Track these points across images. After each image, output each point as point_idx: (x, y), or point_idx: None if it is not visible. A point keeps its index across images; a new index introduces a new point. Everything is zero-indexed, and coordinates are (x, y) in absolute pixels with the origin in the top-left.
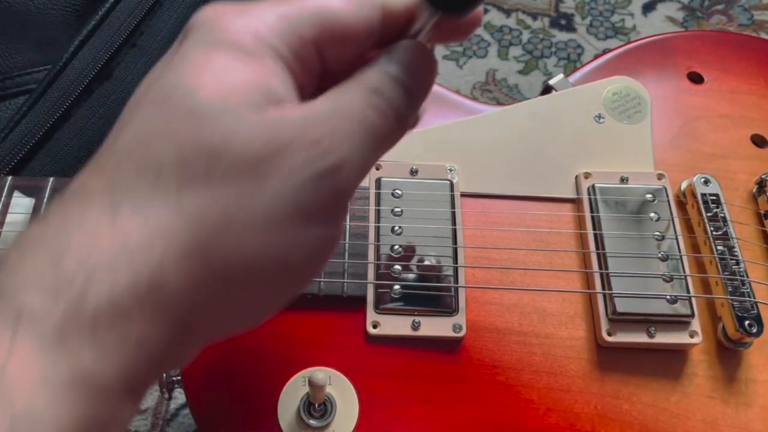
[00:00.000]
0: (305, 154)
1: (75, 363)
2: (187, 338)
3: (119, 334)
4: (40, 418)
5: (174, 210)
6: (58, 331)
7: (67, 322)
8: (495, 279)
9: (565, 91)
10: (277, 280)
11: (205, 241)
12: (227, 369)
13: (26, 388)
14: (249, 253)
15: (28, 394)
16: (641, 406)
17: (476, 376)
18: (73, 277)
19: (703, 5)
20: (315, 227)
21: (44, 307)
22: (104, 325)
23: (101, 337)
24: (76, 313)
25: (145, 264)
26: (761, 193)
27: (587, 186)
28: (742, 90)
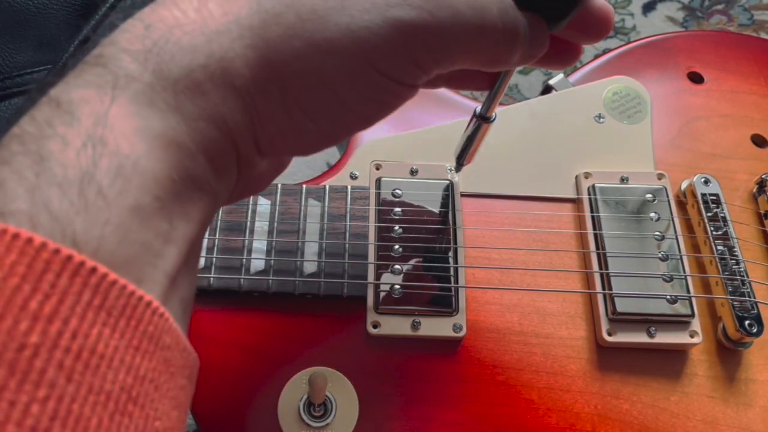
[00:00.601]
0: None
1: (164, 124)
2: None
3: (197, 105)
4: (140, 164)
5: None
6: (148, 94)
7: (154, 86)
8: (495, 279)
9: (565, 91)
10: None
11: (273, 42)
12: (227, 369)
13: (127, 135)
14: (305, 68)
15: (129, 141)
16: (641, 405)
17: (476, 376)
18: (158, 47)
19: (703, 5)
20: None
21: (137, 71)
22: (185, 95)
23: (182, 106)
24: (161, 79)
25: (219, 46)
26: (761, 192)
27: (587, 186)
28: (742, 90)
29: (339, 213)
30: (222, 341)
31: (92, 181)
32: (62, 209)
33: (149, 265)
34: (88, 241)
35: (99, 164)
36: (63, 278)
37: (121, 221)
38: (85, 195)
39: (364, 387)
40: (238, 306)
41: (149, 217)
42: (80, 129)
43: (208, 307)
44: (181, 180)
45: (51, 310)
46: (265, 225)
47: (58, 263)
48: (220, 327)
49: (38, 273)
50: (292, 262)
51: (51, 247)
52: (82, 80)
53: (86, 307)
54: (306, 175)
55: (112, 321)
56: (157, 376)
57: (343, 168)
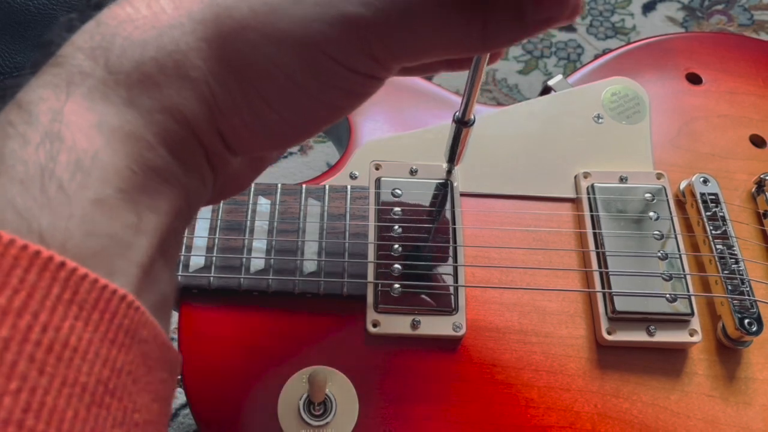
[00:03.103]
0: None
1: (119, 117)
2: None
3: (151, 98)
4: (98, 157)
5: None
6: (101, 89)
7: (107, 81)
8: (495, 278)
9: (565, 91)
10: (288, 94)
11: (226, 34)
12: (227, 368)
13: (84, 130)
14: (261, 58)
15: (86, 135)
16: (641, 404)
17: (476, 375)
18: (109, 43)
19: (703, 5)
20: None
21: (89, 67)
22: (138, 88)
23: (136, 99)
24: (113, 75)
25: (170, 39)
26: (760, 192)
27: (587, 185)
28: (740, 90)
29: (339, 212)
30: (222, 340)
31: (52, 176)
32: (26, 205)
33: (119, 257)
34: (54, 236)
35: (58, 159)
36: (31, 273)
37: (85, 214)
38: (46, 190)
39: (364, 386)
40: (237, 305)
41: (114, 209)
42: (38, 126)
43: (207, 306)
44: (142, 172)
45: (20, 304)
46: (264, 224)
47: (26, 259)
48: (220, 326)
49: (6, 269)
50: (292, 262)
51: (19, 243)
52: (41, 80)
53: (56, 301)
54: (306, 175)
55: (85, 314)
56: (134, 369)
57: (342, 168)
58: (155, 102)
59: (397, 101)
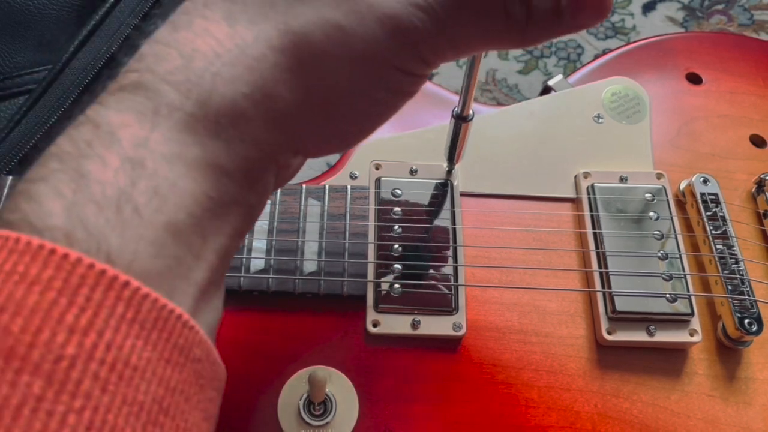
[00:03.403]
0: None
1: (203, 149)
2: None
3: (238, 132)
4: (177, 184)
5: (284, 27)
6: (190, 122)
7: (196, 115)
8: (495, 278)
9: (565, 91)
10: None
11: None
12: (227, 368)
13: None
14: (341, 79)
15: (168, 164)
16: (641, 404)
17: (476, 375)
18: (200, 78)
19: (703, 5)
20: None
21: (178, 100)
22: (226, 122)
23: (223, 132)
24: (203, 109)
25: (260, 75)
26: (760, 192)
27: (587, 185)
28: (740, 90)
29: (339, 212)
30: (222, 340)
31: (129, 199)
32: (98, 225)
33: (181, 279)
34: (122, 256)
35: (137, 184)
36: (97, 292)
37: (156, 237)
38: (121, 212)
39: (364, 386)
40: (237, 305)
41: (183, 233)
42: (120, 151)
43: None
44: (218, 198)
45: (86, 323)
46: (264, 224)
47: (92, 277)
48: (220, 326)
49: (74, 287)
50: (292, 261)
51: (86, 261)
52: (121, 105)
53: (120, 320)
54: (306, 175)
55: (145, 333)
56: (187, 388)
57: (342, 168)
58: (242, 134)
59: None
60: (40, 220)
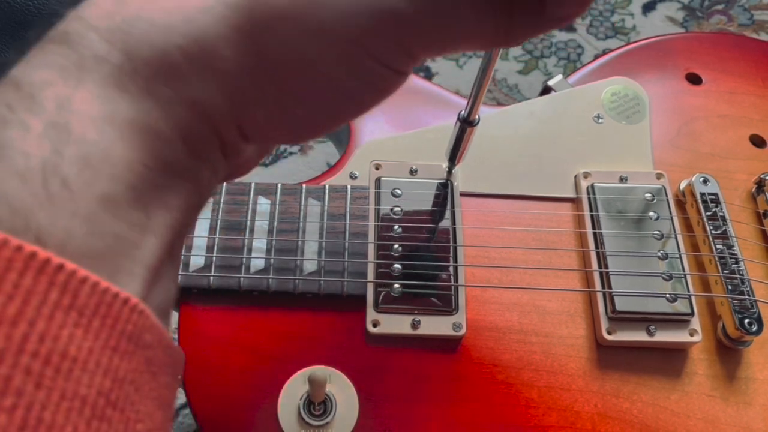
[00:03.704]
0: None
1: (135, 108)
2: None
3: (173, 89)
4: (109, 152)
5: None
6: (119, 77)
7: (125, 68)
8: (495, 278)
9: (565, 91)
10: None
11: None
12: (227, 368)
13: (95, 121)
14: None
15: (97, 127)
16: (641, 404)
17: (476, 374)
18: (129, 25)
19: (703, 5)
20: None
21: (105, 50)
22: (159, 78)
23: (156, 89)
24: (132, 62)
25: (199, 27)
26: (760, 192)
27: (586, 185)
28: (740, 91)
29: (339, 212)
30: (222, 340)
31: (56, 170)
32: (24, 201)
33: (125, 258)
34: (53, 235)
35: (64, 153)
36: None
37: (90, 212)
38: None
39: (364, 385)
40: (237, 305)
41: (122, 206)
42: (43, 114)
43: (207, 306)
44: (156, 167)
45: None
46: (264, 224)
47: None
48: (220, 326)
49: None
50: (292, 261)
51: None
52: (45, 60)
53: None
54: (306, 175)
55: (85, 321)
56: (137, 377)
57: (342, 168)
58: (177, 93)
59: (397, 101)
60: None
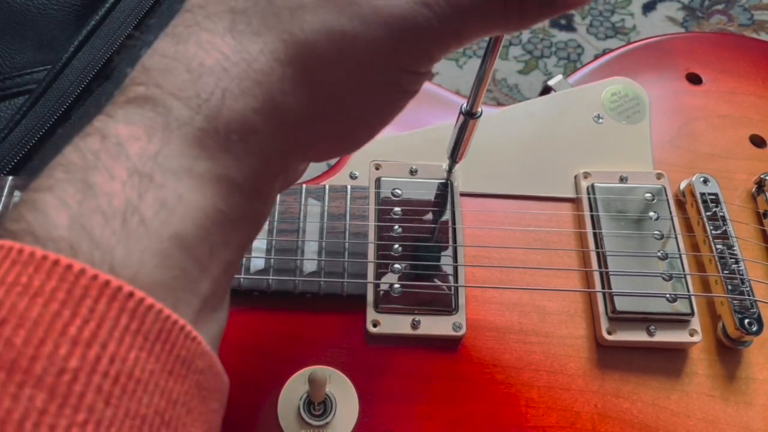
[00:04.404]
0: None
1: (213, 163)
2: (301, 153)
3: (249, 145)
4: (185, 197)
5: (288, 38)
6: (199, 137)
7: (206, 130)
8: (495, 278)
9: (565, 91)
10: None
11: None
12: (227, 368)
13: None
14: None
15: (177, 177)
16: (641, 404)
17: (476, 374)
18: (210, 94)
19: (703, 5)
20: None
21: (188, 116)
22: (236, 137)
23: (233, 147)
24: (212, 123)
25: (268, 88)
26: (760, 192)
27: (587, 185)
28: (740, 91)
29: (339, 212)
30: (222, 340)
31: (136, 211)
32: (103, 237)
33: (186, 290)
34: (126, 267)
35: (144, 197)
36: (101, 303)
37: (162, 248)
38: (127, 224)
39: (364, 386)
40: (237, 305)
41: (190, 244)
42: (127, 163)
43: None
44: (227, 210)
45: (90, 335)
46: (264, 224)
47: (96, 288)
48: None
49: (77, 298)
50: (292, 261)
51: (90, 273)
52: (130, 118)
53: (124, 332)
54: (306, 175)
55: (148, 345)
56: (189, 400)
57: (342, 168)
58: (253, 148)
59: None
60: (44, 230)
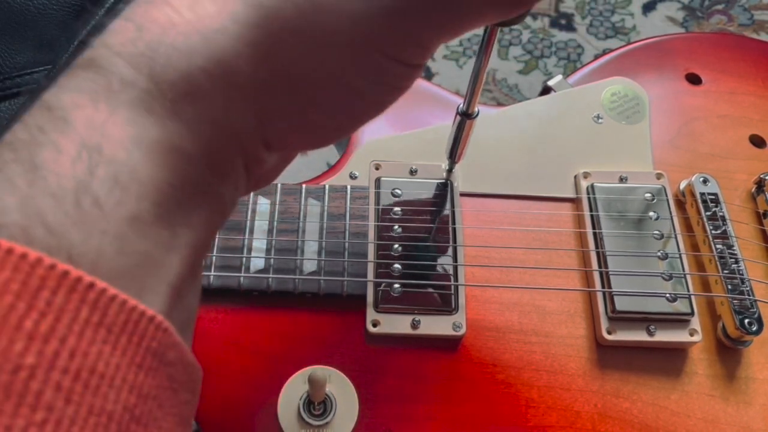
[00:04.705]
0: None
1: (162, 131)
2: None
3: (197, 110)
4: (138, 172)
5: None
6: (145, 100)
7: (151, 92)
8: (495, 277)
9: (565, 91)
10: (340, 97)
11: (275, 38)
12: (227, 368)
13: (124, 143)
14: (316, 62)
15: (126, 149)
16: (641, 404)
17: (476, 374)
18: (152, 51)
19: (703, 5)
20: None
21: (131, 75)
22: (183, 100)
23: (181, 111)
24: (158, 85)
25: (219, 47)
26: (760, 192)
27: (586, 185)
28: (740, 91)
29: (339, 212)
30: (222, 340)
31: (88, 190)
32: (57, 221)
33: (151, 276)
34: (85, 254)
35: (95, 173)
36: (59, 295)
37: (119, 231)
38: (81, 205)
39: (364, 385)
40: (237, 305)
41: (149, 225)
42: (74, 136)
43: (207, 306)
44: (181, 186)
45: (47, 329)
46: (264, 224)
47: (54, 279)
48: (220, 326)
49: (33, 290)
50: (292, 261)
51: (46, 262)
52: (74, 84)
53: (84, 325)
54: (306, 175)
55: (113, 338)
56: (160, 393)
57: (342, 168)
58: (202, 113)
59: (398, 101)
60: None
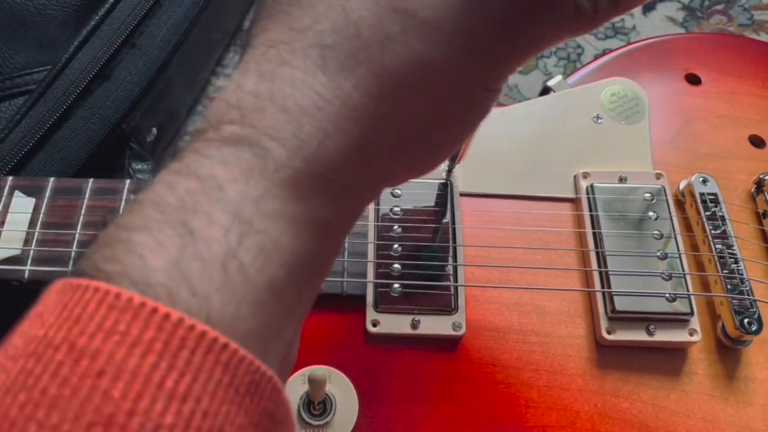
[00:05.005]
0: None
1: (308, 205)
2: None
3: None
4: (282, 243)
5: (378, 70)
6: (295, 179)
7: (302, 171)
8: (494, 277)
9: (564, 91)
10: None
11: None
12: None
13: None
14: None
15: (273, 223)
16: (641, 404)
17: (476, 374)
18: (308, 135)
19: (703, 5)
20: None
21: (285, 158)
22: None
23: (329, 187)
24: (310, 165)
25: (362, 124)
26: (759, 192)
27: (586, 185)
28: (740, 91)
29: None
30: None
31: (235, 258)
32: (202, 285)
33: (275, 338)
34: (222, 317)
35: (243, 242)
36: (197, 355)
37: (257, 296)
38: (226, 271)
39: (364, 385)
40: None
41: (282, 291)
42: (226, 207)
43: None
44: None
45: (185, 389)
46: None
47: (192, 339)
48: None
49: (174, 350)
50: None
51: (187, 323)
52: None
53: (217, 386)
54: None
55: (239, 399)
56: None
57: None
58: (347, 186)
59: None
60: (141, 274)
